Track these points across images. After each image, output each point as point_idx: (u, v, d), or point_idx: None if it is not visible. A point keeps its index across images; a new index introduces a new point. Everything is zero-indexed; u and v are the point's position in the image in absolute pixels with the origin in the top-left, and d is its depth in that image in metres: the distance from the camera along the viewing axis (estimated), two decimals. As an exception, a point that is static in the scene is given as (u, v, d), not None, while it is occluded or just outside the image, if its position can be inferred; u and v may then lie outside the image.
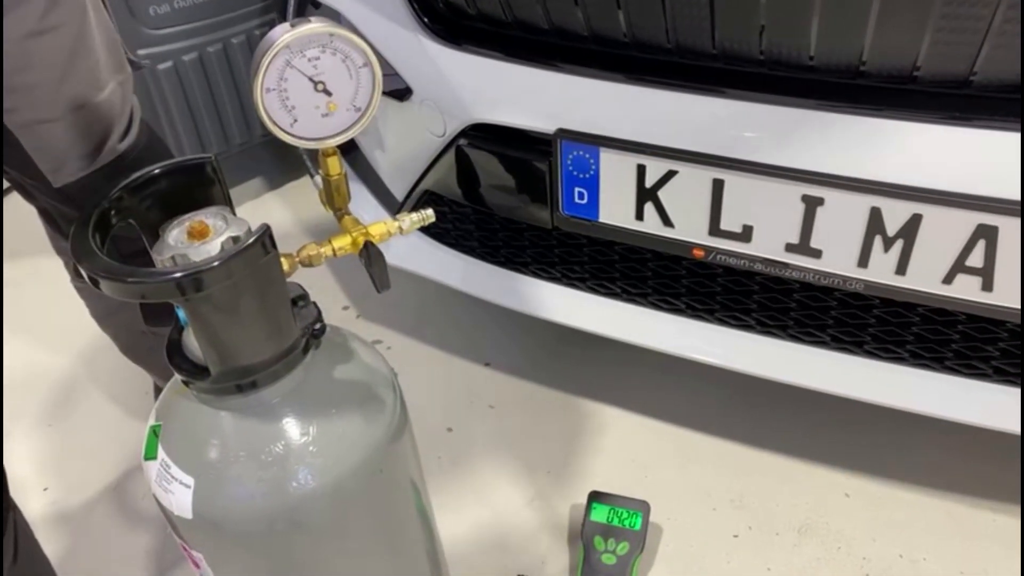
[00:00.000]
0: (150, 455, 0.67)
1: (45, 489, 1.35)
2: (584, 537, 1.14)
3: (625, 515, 1.14)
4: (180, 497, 0.64)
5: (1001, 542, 1.16)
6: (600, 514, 1.15)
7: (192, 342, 0.63)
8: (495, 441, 1.37)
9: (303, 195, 2.06)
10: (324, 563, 0.70)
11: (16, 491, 0.84)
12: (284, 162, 2.06)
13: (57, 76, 0.83)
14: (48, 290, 1.73)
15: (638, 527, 1.13)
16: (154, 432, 0.68)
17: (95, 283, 0.56)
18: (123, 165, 0.92)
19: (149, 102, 1.73)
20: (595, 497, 1.17)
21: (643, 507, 1.15)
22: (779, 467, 1.29)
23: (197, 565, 0.71)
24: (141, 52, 1.68)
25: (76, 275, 1.09)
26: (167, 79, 1.74)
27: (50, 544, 0.93)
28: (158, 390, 1.36)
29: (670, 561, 1.17)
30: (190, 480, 0.64)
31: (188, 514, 0.64)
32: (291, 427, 0.65)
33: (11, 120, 0.81)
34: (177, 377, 0.65)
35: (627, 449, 1.34)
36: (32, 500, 1.33)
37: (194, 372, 0.63)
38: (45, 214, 1.02)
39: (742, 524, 1.21)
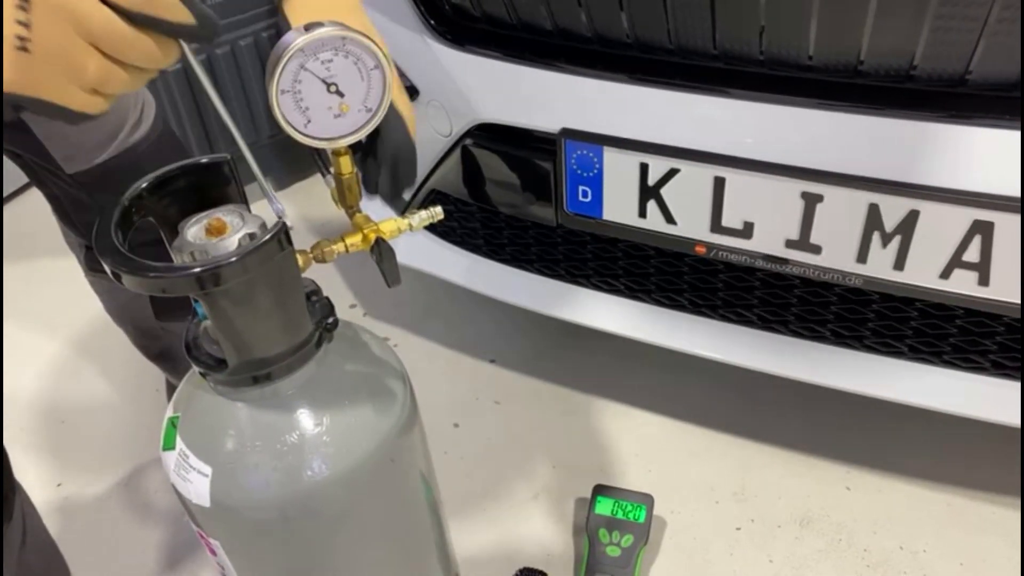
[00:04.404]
0: (168, 446, 0.69)
1: (58, 485, 1.37)
2: (589, 530, 1.15)
3: (629, 508, 1.16)
4: (198, 486, 0.66)
5: (1000, 533, 1.17)
6: (605, 507, 1.17)
7: (209, 336, 0.66)
8: (501, 436, 1.39)
9: (310, 194, 2.08)
10: (337, 550, 0.72)
11: (29, 486, 0.86)
12: (291, 162, 2.08)
13: None
14: (59, 289, 1.75)
15: (642, 520, 1.15)
16: (172, 423, 0.70)
17: (117, 277, 0.58)
18: (136, 155, 0.94)
19: (159, 104, 1.75)
20: (600, 490, 1.19)
21: (647, 500, 1.17)
22: (781, 461, 1.31)
23: (213, 553, 0.73)
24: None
25: (90, 269, 1.11)
26: (176, 81, 1.76)
27: (63, 538, 0.95)
28: (170, 387, 1.38)
29: (674, 553, 1.19)
30: (208, 469, 0.66)
31: (206, 502, 0.66)
32: (305, 418, 0.67)
33: (25, 113, 0.83)
34: (195, 369, 0.67)
35: (631, 443, 1.36)
36: (45, 495, 1.35)
37: (211, 364, 0.65)
38: (56, 201, 1.03)
39: (744, 517, 1.23)
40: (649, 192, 1.03)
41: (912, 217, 0.89)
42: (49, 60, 0.46)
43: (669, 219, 1.04)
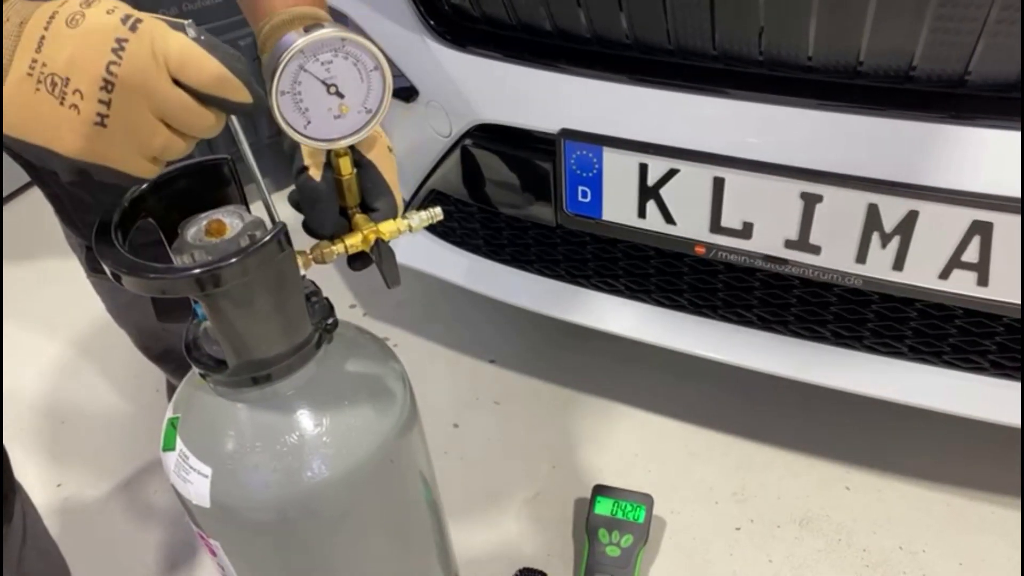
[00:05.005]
0: (168, 446, 0.69)
1: (58, 485, 1.37)
2: (588, 530, 1.15)
3: (629, 508, 1.16)
4: (198, 486, 0.66)
5: (999, 533, 1.18)
6: (604, 507, 1.17)
7: (209, 337, 0.66)
8: (500, 436, 1.39)
9: (309, 195, 2.08)
10: (337, 551, 0.72)
11: (30, 487, 0.87)
12: (290, 164, 2.08)
13: None
14: (59, 289, 1.75)
15: (642, 520, 1.15)
16: (172, 424, 0.70)
17: (117, 279, 0.58)
18: None
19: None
20: (599, 490, 1.19)
21: (647, 500, 1.17)
22: (780, 461, 1.31)
23: (213, 553, 0.73)
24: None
25: (91, 270, 1.11)
26: (175, 81, 1.76)
27: (63, 539, 0.94)
28: (171, 387, 1.38)
29: (673, 554, 1.19)
30: (208, 470, 0.66)
31: (206, 503, 0.66)
32: (305, 418, 0.67)
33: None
34: (195, 370, 0.67)
35: (630, 444, 1.36)
36: (45, 495, 1.35)
37: (212, 365, 0.65)
38: (57, 201, 1.03)
39: (744, 517, 1.23)
40: (648, 192, 1.03)
41: (911, 217, 0.89)
42: (122, 134, 0.50)
43: (668, 219, 1.04)
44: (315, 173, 0.67)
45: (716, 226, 1.01)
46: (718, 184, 0.98)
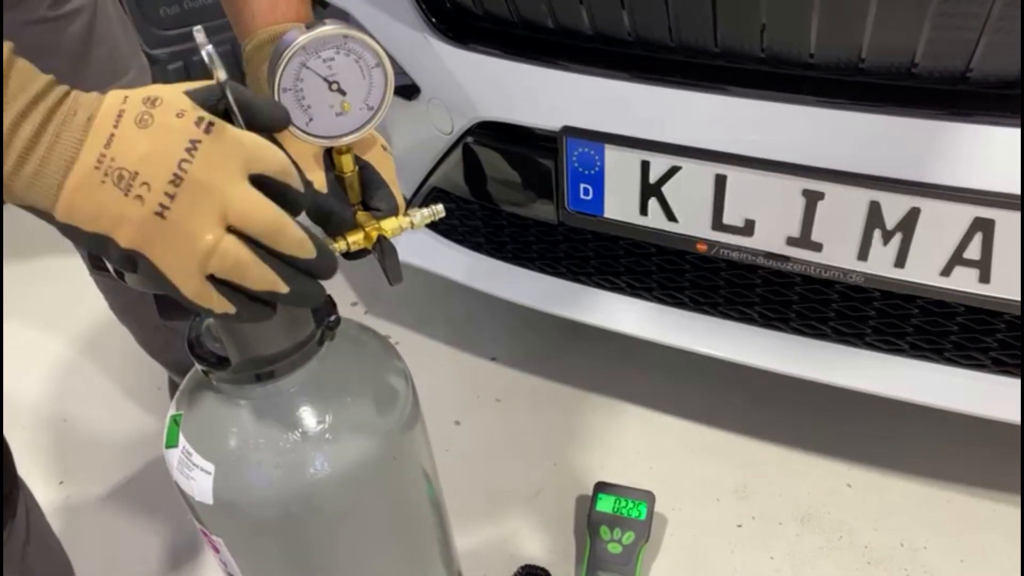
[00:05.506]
0: (171, 443, 0.69)
1: (60, 483, 1.37)
2: (590, 527, 1.16)
3: (631, 505, 1.16)
4: (201, 483, 0.66)
5: (1000, 530, 1.18)
6: (606, 504, 1.17)
7: (212, 333, 0.66)
8: (502, 434, 1.39)
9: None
10: (340, 547, 0.72)
11: (31, 485, 0.87)
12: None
13: (73, 63, 0.84)
14: (60, 288, 1.75)
15: (643, 517, 1.15)
16: (175, 421, 0.70)
17: (120, 275, 0.58)
18: None
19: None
20: (601, 488, 1.19)
21: (648, 497, 1.17)
22: (781, 458, 1.31)
23: (216, 550, 0.73)
24: (152, 52, 1.71)
25: (94, 267, 1.10)
26: (176, 79, 1.76)
27: (65, 536, 0.95)
28: (172, 385, 1.38)
29: (675, 551, 1.19)
30: (211, 467, 0.66)
31: (209, 500, 0.66)
32: (308, 415, 0.67)
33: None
34: (197, 367, 0.67)
35: (632, 441, 1.36)
36: (47, 493, 1.35)
37: (214, 362, 0.65)
38: None
39: (745, 514, 1.23)
40: (650, 190, 1.03)
41: (913, 214, 0.90)
42: (178, 228, 0.48)
43: (670, 217, 1.04)
44: (321, 186, 0.67)
45: (718, 223, 1.01)
46: (720, 181, 0.98)
